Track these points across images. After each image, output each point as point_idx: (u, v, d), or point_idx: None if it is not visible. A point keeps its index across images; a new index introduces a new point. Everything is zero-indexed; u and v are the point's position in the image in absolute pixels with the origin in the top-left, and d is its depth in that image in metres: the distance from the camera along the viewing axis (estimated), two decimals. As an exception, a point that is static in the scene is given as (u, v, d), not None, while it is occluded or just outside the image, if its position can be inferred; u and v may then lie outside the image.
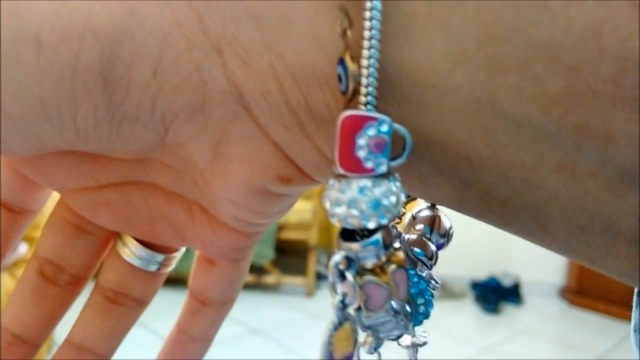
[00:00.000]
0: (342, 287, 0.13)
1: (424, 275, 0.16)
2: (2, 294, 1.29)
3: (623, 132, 0.11)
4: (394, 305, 0.14)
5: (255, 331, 2.44)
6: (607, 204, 0.12)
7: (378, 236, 0.13)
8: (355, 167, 0.12)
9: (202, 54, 0.13)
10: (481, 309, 2.97)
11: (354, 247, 0.13)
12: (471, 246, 2.95)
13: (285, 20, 0.13)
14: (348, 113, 0.12)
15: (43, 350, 1.17)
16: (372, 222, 0.12)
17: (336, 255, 0.13)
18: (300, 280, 2.96)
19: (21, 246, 1.40)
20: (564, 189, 0.12)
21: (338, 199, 0.12)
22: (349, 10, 0.12)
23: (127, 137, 0.15)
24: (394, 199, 0.12)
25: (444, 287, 3.07)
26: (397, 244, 0.14)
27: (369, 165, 0.12)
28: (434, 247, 0.17)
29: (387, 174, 0.12)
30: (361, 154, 0.12)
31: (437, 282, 0.16)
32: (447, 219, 0.18)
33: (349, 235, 0.13)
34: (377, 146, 0.12)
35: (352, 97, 0.12)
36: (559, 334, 2.78)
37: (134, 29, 0.13)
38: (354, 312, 0.13)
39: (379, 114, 0.12)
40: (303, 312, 2.73)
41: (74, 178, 0.17)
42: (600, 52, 0.11)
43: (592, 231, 0.13)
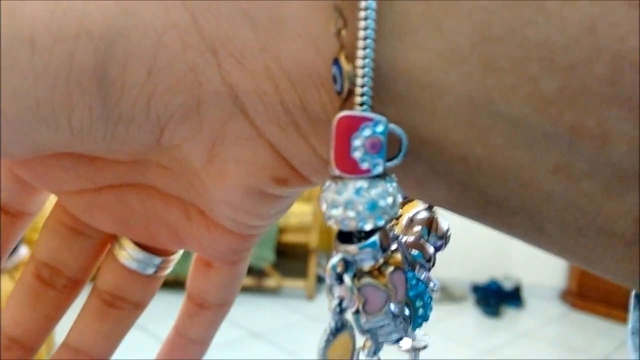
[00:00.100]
0: (339, 290, 0.13)
1: (422, 277, 0.16)
2: (1, 297, 1.29)
3: (619, 133, 0.11)
4: (392, 308, 0.13)
5: (255, 334, 2.43)
6: (603, 205, 0.12)
7: (375, 238, 0.12)
8: (351, 168, 0.12)
9: (197, 54, 0.13)
10: (482, 312, 2.96)
11: (351, 249, 0.13)
12: (472, 249, 2.94)
13: (279, 20, 0.13)
14: (343, 114, 0.12)
15: (43, 351, 1.17)
16: (369, 223, 0.12)
17: (333, 258, 0.13)
18: (300, 283, 2.95)
19: (22, 249, 1.40)
20: (560, 190, 0.12)
21: (334, 201, 0.12)
22: (344, 10, 0.12)
23: (122, 138, 0.15)
24: (390, 200, 0.12)
25: (444, 290, 3.06)
26: (394, 246, 0.13)
27: (365, 166, 0.12)
28: (431, 249, 0.17)
29: (384, 175, 0.12)
30: (357, 154, 0.12)
31: (435, 285, 0.16)
32: (445, 221, 0.18)
33: (346, 237, 0.13)
34: (372, 147, 0.12)
35: (348, 98, 0.12)
36: (560, 337, 2.77)
37: (128, 29, 0.13)
38: (352, 316, 0.13)
39: (374, 114, 0.12)
40: (304, 315, 2.73)
41: (70, 180, 0.17)
42: (596, 52, 0.11)
43: (588, 232, 0.13)
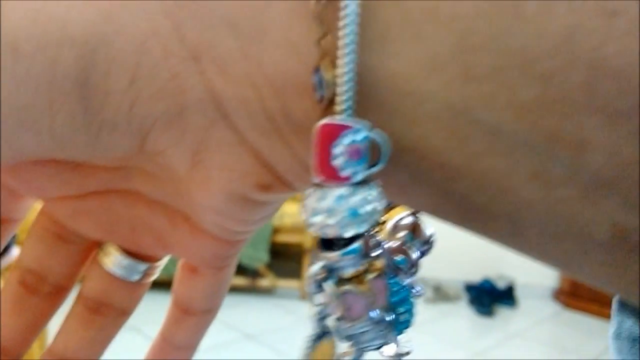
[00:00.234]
0: (321, 297, 0.13)
1: (406, 283, 0.16)
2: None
3: (596, 140, 0.11)
4: (373, 314, 0.13)
5: (249, 335, 2.43)
6: (581, 211, 0.12)
7: (356, 245, 0.12)
8: (332, 175, 0.12)
9: (179, 61, 0.13)
10: (475, 311, 2.97)
11: (332, 256, 0.13)
12: (465, 249, 2.95)
13: (261, 28, 0.13)
14: (324, 121, 0.12)
15: (36, 352, 1.16)
16: (350, 231, 0.12)
17: (314, 265, 0.13)
18: (295, 283, 2.95)
19: (14, 250, 1.39)
20: (538, 197, 0.12)
21: (315, 208, 0.12)
22: (325, 18, 0.12)
23: (105, 145, 0.15)
24: (370, 207, 0.12)
25: (438, 289, 3.07)
26: (377, 252, 0.13)
27: (346, 173, 0.12)
28: (415, 255, 0.17)
29: (366, 182, 0.12)
30: (338, 162, 0.12)
31: (420, 290, 0.16)
32: (429, 226, 0.18)
33: (328, 244, 0.13)
34: (353, 154, 0.12)
35: (329, 105, 0.12)
36: (552, 337, 2.79)
37: (110, 36, 0.13)
38: (333, 323, 0.13)
39: (355, 121, 0.12)
40: (298, 315, 2.73)
41: (55, 186, 0.17)
42: (573, 60, 0.11)
43: (567, 238, 0.13)
